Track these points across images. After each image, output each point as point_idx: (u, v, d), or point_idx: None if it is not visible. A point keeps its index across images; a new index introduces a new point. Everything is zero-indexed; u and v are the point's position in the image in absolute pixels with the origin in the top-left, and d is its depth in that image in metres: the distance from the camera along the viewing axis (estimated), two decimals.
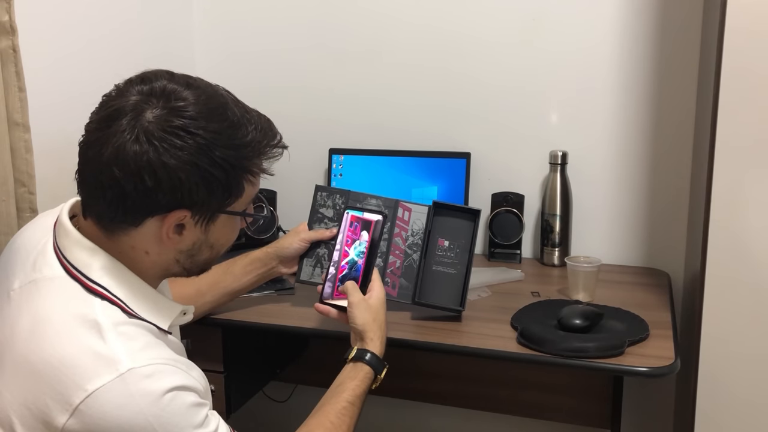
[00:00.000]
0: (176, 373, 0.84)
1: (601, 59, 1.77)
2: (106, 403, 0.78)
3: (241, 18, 2.05)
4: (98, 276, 0.87)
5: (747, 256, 1.23)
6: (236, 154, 0.87)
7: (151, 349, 0.85)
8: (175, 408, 0.82)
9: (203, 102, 0.86)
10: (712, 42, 1.29)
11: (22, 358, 0.83)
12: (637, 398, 1.87)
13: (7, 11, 1.31)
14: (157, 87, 0.85)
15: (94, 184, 0.86)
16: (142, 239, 0.89)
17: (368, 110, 1.98)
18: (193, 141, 0.83)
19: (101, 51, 1.67)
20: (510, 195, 1.83)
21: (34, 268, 0.90)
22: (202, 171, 0.85)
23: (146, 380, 0.81)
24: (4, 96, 1.33)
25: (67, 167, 1.57)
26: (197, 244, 0.93)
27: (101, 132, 0.84)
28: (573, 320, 1.27)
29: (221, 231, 0.93)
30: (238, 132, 0.88)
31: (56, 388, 0.79)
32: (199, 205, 0.88)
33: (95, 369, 0.79)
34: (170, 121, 0.83)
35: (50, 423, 0.79)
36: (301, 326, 1.38)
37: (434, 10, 1.88)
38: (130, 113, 0.83)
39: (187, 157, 0.83)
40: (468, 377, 1.82)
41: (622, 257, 1.82)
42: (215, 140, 0.85)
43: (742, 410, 1.27)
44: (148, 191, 0.84)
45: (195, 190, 0.85)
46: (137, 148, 0.82)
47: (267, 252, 1.36)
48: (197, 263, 0.96)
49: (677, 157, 1.75)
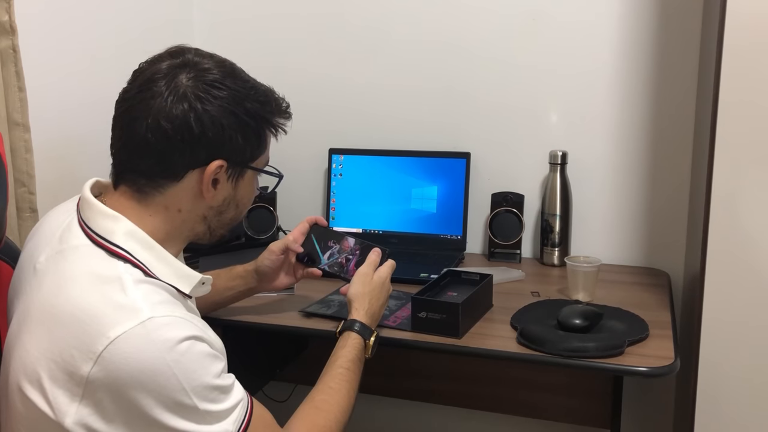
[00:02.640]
0: (193, 327, 0.88)
1: (601, 59, 1.77)
2: (128, 348, 0.82)
3: (240, 18, 2.05)
4: (122, 241, 0.91)
5: (747, 256, 1.23)
6: (261, 108, 0.98)
7: (170, 305, 0.89)
8: (193, 355, 0.85)
9: (226, 66, 0.97)
10: (712, 41, 1.29)
11: (47, 313, 0.87)
12: (637, 398, 1.87)
13: (7, 11, 1.32)
14: (186, 58, 0.95)
15: (139, 143, 0.92)
16: (179, 195, 0.95)
17: (368, 110, 1.98)
18: (228, 92, 0.93)
19: (101, 51, 1.67)
20: (510, 195, 1.83)
21: (60, 241, 0.94)
22: (239, 119, 0.95)
23: (165, 328, 0.84)
24: (4, 96, 1.33)
25: (67, 167, 1.58)
26: (227, 200, 1.00)
27: (142, 94, 0.92)
28: (573, 320, 1.27)
29: (246, 188, 1.02)
30: (258, 90, 0.99)
31: (80, 338, 0.83)
32: (234, 156, 0.96)
33: (117, 318, 0.83)
34: (204, 79, 0.93)
35: (75, 373, 0.82)
36: (301, 326, 1.38)
37: (434, 11, 1.88)
38: (166, 77, 0.92)
39: (226, 105, 0.93)
40: (468, 377, 1.82)
41: (622, 257, 1.82)
42: (245, 93, 0.96)
43: (742, 410, 1.27)
44: (194, 141, 0.92)
45: (233, 137, 0.95)
46: (183, 103, 0.91)
47: (247, 270, 1.37)
48: (222, 222, 1.03)
49: (677, 157, 1.75)
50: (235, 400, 0.91)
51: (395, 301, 1.47)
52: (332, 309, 1.42)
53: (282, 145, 1.07)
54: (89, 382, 0.82)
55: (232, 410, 0.90)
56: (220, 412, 0.88)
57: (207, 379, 0.86)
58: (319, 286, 1.58)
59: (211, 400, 0.87)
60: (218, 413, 0.88)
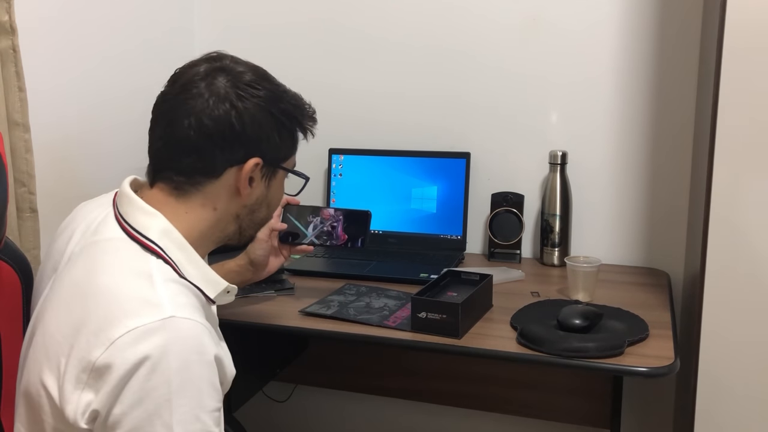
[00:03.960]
0: (210, 341, 0.88)
1: (601, 59, 1.77)
2: (143, 341, 0.82)
3: (240, 18, 2.05)
4: (156, 237, 0.92)
5: (747, 255, 1.23)
6: (294, 109, 1.01)
7: (194, 310, 0.89)
8: (198, 374, 0.84)
9: (259, 71, 1.01)
10: (712, 42, 1.29)
11: (73, 294, 0.89)
12: (637, 398, 1.87)
13: (7, 11, 1.32)
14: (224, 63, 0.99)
15: (181, 141, 0.94)
16: (216, 192, 0.97)
17: (368, 110, 1.98)
18: (265, 92, 0.97)
19: (101, 51, 1.67)
20: (510, 195, 1.83)
21: (95, 233, 0.95)
22: (276, 118, 0.98)
23: (185, 330, 0.85)
24: (4, 96, 1.33)
25: (67, 167, 1.58)
26: (260, 199, 1.02)
27: (184, 94, 0.95)
28: (573, 320, 1.27)
29: (278, 189, 1.05)
30: (289, 93, 1.02)
31: (100, 323, 0.84)
32: (269, 155, 0.99)
33: (139, 310, 0.84)
34: (241, 80, 0.96)
35: (85, 357, 0.82)
36: (301, 326, 1.38)
37: (434, 11, 1.88)
38: (205, 79, 0.95)
39: (263, 104, 0.96)
40: (468, 377, 1.82)
41: (622, 257, 1.82)
42: (279, 95, 0.99)
43: (742, 410, 1.27)
44: (234, 138, 0.94)
45: (271, 136, 0.98)
46: (225, 102, 0.94)
47: (240, 264, 1.38)
48: (254, 222, 1.05)
49: (677, 157, 1.75)
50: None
51: (395, 302, 1.47)
52: (332, 309, 1.42)
53: None
54: (96, 368, 0.82)
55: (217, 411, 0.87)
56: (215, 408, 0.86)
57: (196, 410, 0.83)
58: (320, 285, 1.58)
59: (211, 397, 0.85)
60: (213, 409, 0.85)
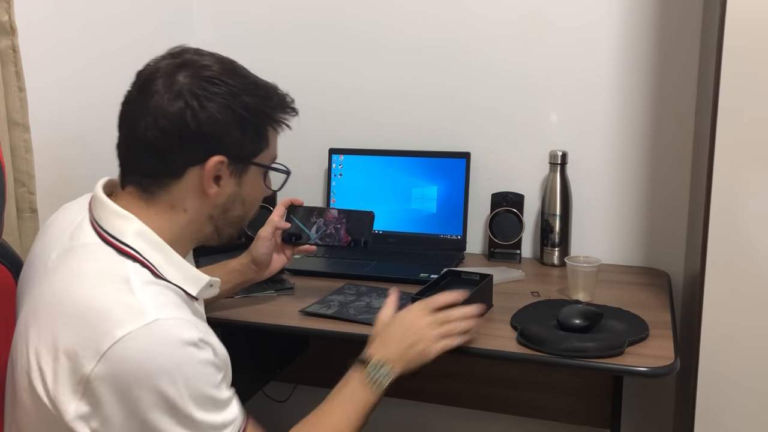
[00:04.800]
0: (197, 332, 0.88)
1: (601, 59, 1.77)
2: (132, 348, 0.82)
3: (239, 17, 2.05)
4: (131, 240, 0.92)
5: (747, 255, 1.23)
6: (261, 102, 0.97)
7: (177, 308, 0.89)
8: (196, 360, 0.86)
9: (225, 63, 0.97)
10: (712, 42, 1.29)
11: (55, 310, 0.88)
12: (637, 398, 1.87)
13: (7, 11, 1.32)
14: (185, 57, 0.96)
15: (139, 141, 0.93)
16: (183, 193, 0.95)
17: (368, 110, 1.98)
18: (225, 87, 0.94)
19: (101, 51, 1.67)
20: (510, 195, 1.83)
21: (71, 238, 0.94)
22: (236, 114, 0.94)
23: (171, 330, 0.85)
24: (4, 96, 1.33)
25: (67, 167, 1.58)
26: (231, 197, 0.99)
27: (142, 93, 0.93)
28: (573, 320, 1.27)
29: (252, 185, 1.01)
30: (258, 86, 0.98)
31: (86, 336, 0.83)
32: (233, 151, 0.96)
33: (123, 318, 0.83)
34: (201, 75, 0.93)
35: (78, 370, 0.83)
36: (301, 326, 1.38)
37: (435, 11, 1.88)
38: (164, 75, 0.93)
39: (222, 100, 0.93)
40: (468, 377, 1.82)
41: (622, 257, 1.82)
42: (244, 89, 0.95)
43: (742, 410, 1.27)
44: (191, 137, 0.92)
45: (231, 132, 0.94)
46: (179, 100, 0.91)
47: (243, 263, 1.38)
48: (229, 221, 1.02)
49: (677, 157, 1.75)
50: (230, 417, 0.91)
51: None
52: (332, 309, 1.42)
53: (282, 145, 1.07)
54: (90, 381, 0.82)
55: (225, 426, 0.90)
56: (214, 424, 0.88)
57: (205, 387, 0.87)
58: (320, 285, 1.58)
59: (205, 410, 0.87)
60: (212, 425, 0.88)
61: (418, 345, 1.13)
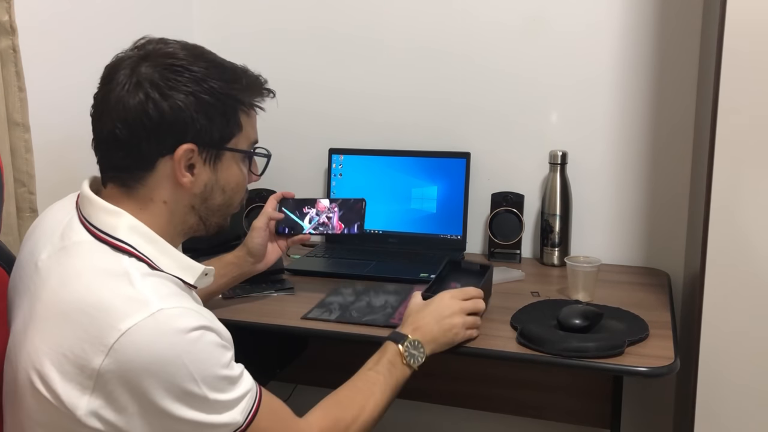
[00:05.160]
0: (202, 318, 0.88)
1: (601, 60, 1.77)
2: (139, 340, 0.82)
3: (239, 21, 2.05)
4: (124, 235, 0.92)
5: (747, 256, 1.23)
6: (228, 86, 0.95)
7: (178, 297, 0.89)
8: (203, 345, 0.86)
9: (190, 48, 0.96)
10: (712, 41, 1.29)
11: (54, 310, 0.87)
12: (637, 398, 1.87)
13: (7, 11, 1.32)
14: (148, 49, 0.95)
15: (108, 137, 0.93)
16: (159, 186, 0.95)
17: (368, 110, 1.98)
18: (189, 74, 0.92)
19: (101, 51, 1.66)
20: (510, 195, 1.83)
21: (62, 238, 0.94)
22: (200, 100, 0.93)
23: (175, 319, 0.85)
24: (4, 96, 1.33)
25: (67, 167, 1.58)
26: (209, 186, 0.98)
27: (105, 87, 0.94)
28: (573, 320, 1.27)
29: (229, 171, 0.99)
30: (225, 69, 0.97)
31: (91, 332, 0.83)
32: (203, 138, 0.94)
33: (127, 310, 0.83)
34: (164, 64, 0.92)
35: (87, 366, 0.82)
36: (301, 326, 1.38)
37: (435, 12, 1.88)
38: (127, 68, 0.93)
39: (185, 88, 0.92)
40: (468, 377, 1.82)
41: (622, 257, 1.82)
42: (207, 74, 0.94)
43: (743, 410, 1.27)
44: (155, 127, 0.91)
45: (196, 119, 0.93)
46: (139, 92, 0.91)
47: (238, 255, 1.40)
48: (211, 209, 1.01)
49: (677, 157, 1.75)
50: (244, 390, 0.92)
51: (395, 297, 1.48)
52: (334, 314, 1.41)
53: (282, 146, 1.07)
54: (101, 375, 0.82)
55: (241, 400, 0.91)
56: (229, 401, 0.89)
57: (216, 369, 0.87)
58: (320, 285, 1.58)
59: (220, 390, 0.87)
60: (227, 402, 0.89)
61: (450, 331, 1.21)
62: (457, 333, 1.22)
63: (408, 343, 1.16)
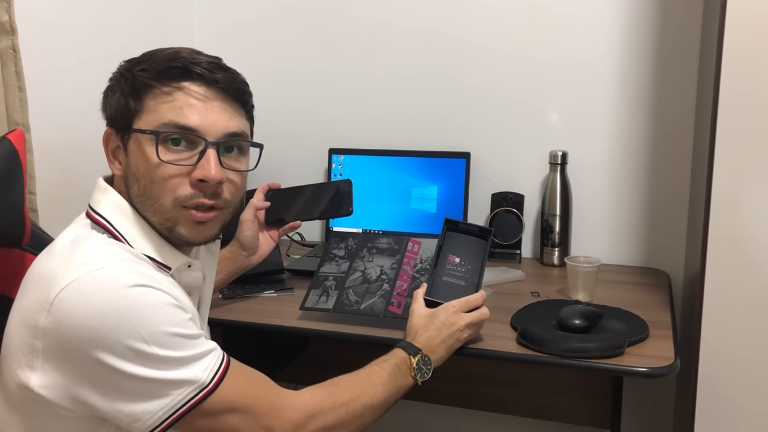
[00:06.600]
0: (151, 281, 0.85)
1: (600, 59, 1.77)
2: (77, 295, 0.81)
3: (240, 19, 2.05)
4: (104, 211, 0.93)
5: (747, 256, 1.23)
6: (131, 65, 0.95)
7: (133, 263, 0.88)
8: (148, 301, 0.83)
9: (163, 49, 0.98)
10: (712, 41, 1.29)
11: (26, 276, 0.89)
12: (637, 398, 1.87)
13: (7, 11, 1.32)
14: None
15: None
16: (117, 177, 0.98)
17: (368, 110, 1.98)
18: (116, 70, 0.98)
19: (101, 51, 1.67)
20: (510, 195, 1.83)
21: None
22: (110, 84, 0.97)
23: (119, 275, 0.83)
24: (4, 96, 1.33)
25: (67, 167, 1.58)
26: (127, 173, 0.95)
27: None
28: (573, 320, 1.27)
29: (137, 156, 0.93)
30: (144, 54, 0.97)
31: (39, 291, 0.83)
32: (116, 121, 0.95)
33: (71, 268, 0.83)
34: None
35: (35, 326, 0.82)
36: (301, 326, 1.38)
37: (434, 11, 1.88)
38: None
39: (111, 77, 0.98)
40: (468, 377, 1.82)
41: (622, 257, 1.82)
42: (127, 61, 0.97)
43: (742, 410, 1.27)
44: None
45: (105, 101, 0.98)
46: None
47: (231, 250, 1.39)
48: (138, 203, 0.94)
49: (677, 157, 1.75)
50: (205, 348, 0.88)
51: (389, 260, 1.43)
52: (332, 297, 1.37)
53: (282, 145, 1.07)
54: (45, 334, 0.81)
55: (201, 357, 0.86)
56: (185, 357, 0.85)
57: (164, 326, 0.83)
58: None
59: (172, 347, 0.83)
60: (182, 359, 0.84)
61: (454, 346, 1.21)
62: (458, 345, 1.22)
63: (420, 358, 1.14)
